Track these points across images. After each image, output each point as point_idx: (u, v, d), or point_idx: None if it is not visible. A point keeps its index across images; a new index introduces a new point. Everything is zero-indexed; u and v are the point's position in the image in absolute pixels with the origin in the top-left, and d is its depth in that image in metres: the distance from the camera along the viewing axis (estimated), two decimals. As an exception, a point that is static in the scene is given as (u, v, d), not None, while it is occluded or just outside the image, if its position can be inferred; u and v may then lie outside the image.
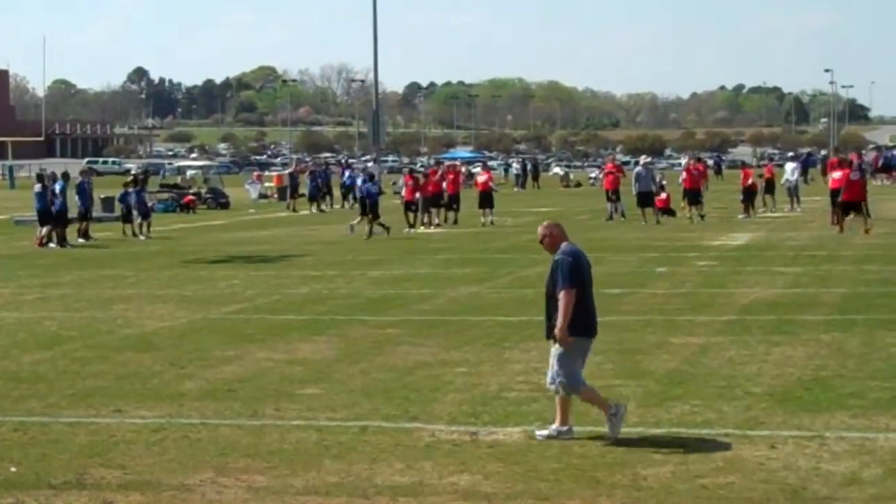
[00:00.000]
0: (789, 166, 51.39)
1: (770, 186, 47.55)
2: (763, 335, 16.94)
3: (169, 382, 14.43)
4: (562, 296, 11.18)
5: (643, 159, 47.84)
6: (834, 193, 39.44)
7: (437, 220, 43.22)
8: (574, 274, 11.22)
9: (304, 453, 10.92)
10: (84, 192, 39.52)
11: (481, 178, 47.14)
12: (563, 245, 11.46)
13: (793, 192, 48.50)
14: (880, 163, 75.39)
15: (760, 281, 23.65)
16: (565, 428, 11.30)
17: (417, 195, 42.59)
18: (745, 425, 11.63)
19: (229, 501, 9.61)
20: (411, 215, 41.88)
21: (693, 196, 43.62)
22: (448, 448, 11.03)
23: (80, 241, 37.95)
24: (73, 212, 38.61)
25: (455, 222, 43.80)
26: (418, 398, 13.17)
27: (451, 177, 45.26)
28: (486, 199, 44.61)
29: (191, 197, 57.95)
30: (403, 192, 43.75)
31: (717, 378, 13.97)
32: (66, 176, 39.61)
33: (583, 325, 11.32)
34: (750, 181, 44.80)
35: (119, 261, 31.38)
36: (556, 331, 11.21)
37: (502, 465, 10.40)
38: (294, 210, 55.26)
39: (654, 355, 15.60)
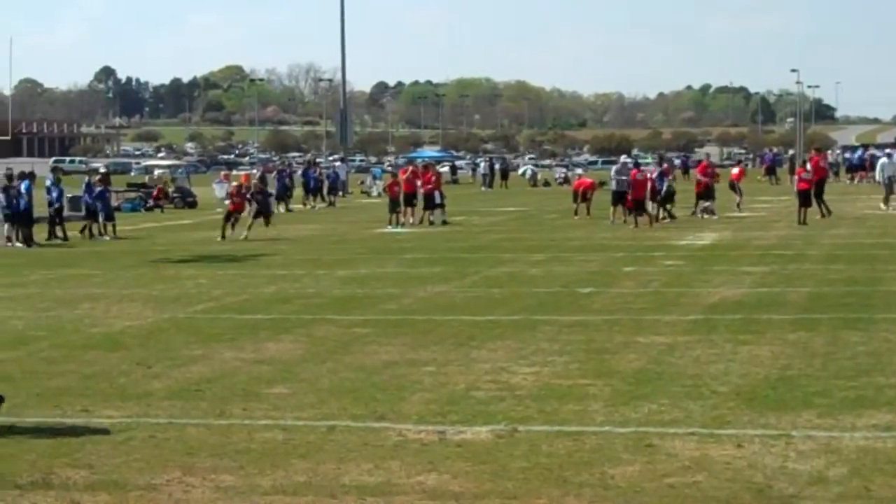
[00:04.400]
0: (881, 161, 48.21)
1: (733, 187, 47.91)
2: (729, 334, 16.98)
3: (136, 382, 14.37)
4: None
5: (623, 159, 47.87)
6: (801, 193, 39.82)
7: (412, 220, 43.26)
8: None
9: (272, 453, 10.89)
10: (91, 191, 40.49)
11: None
12: None
13: (888, 186, 46.17)
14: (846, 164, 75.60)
15: (727, 280, 23.72)
16: None
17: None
18: (712, 424, 11.65)
19: (196, 501, 9.58)
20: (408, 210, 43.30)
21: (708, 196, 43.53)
22: (416, 447, 11.02)
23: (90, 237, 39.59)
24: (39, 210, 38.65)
25: (444, 222, 43.67)
26: (386, 398, 13.15)
27: (427, 177, 45.03)
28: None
29: (157, 193, 57.84)
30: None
31: (683, 377, 14.00)
32: (31, 175, 39.53)
33: None
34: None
35: (85, 260, 31.24)
36: None
37: (470, 464, 10.40)
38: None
39: (621, 354, 15.62)
